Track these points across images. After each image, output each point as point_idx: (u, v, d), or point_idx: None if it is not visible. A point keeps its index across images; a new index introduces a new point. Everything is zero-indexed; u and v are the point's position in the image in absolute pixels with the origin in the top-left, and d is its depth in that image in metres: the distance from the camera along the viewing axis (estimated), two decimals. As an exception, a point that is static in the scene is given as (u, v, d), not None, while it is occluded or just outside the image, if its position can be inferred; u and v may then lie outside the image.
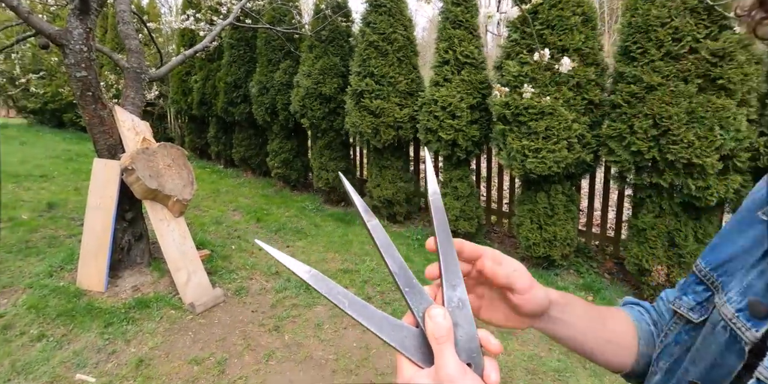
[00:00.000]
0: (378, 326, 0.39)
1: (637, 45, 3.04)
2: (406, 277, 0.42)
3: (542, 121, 3.34)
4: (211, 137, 7.31)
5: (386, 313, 0.41)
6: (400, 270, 0.43)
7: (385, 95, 4.32)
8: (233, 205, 5.26)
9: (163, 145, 3.00)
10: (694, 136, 2.81)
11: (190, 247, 3.00)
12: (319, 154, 5.33)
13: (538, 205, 3.59)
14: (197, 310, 2.79)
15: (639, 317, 0.60)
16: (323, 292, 0.40)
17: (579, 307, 0.56)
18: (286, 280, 3.41)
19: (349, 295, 0.40)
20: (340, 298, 0.40)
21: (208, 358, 2.38)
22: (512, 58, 3.53)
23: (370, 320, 0.40)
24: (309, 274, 0.41)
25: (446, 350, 0.37)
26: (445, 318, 0.38)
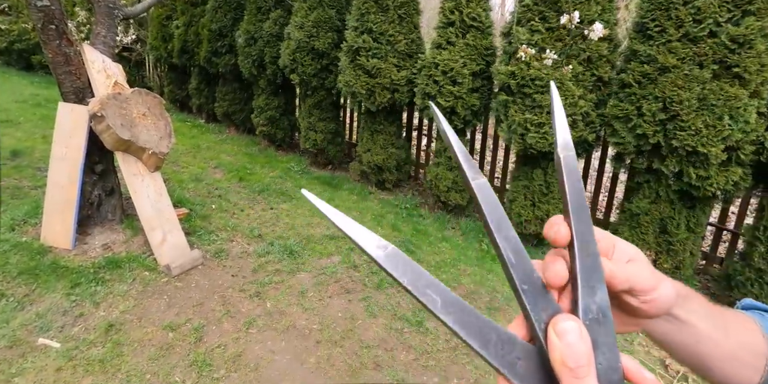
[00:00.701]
0: (482, 340, 0.28)
1: (656, 23, 2.86)
2: (524, 269, 0.30)
3: (548, 95, 3.18)
4: (193, 89, 6.86)
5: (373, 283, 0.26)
6: (517, 257, 0.30)
7: (383, 55, 4.05)
8: (214, 163, 5.01)
9: (137, 92, 2.72)
10: (703, 123, 2.72)
11: (166, 205, 2.81)
12: (307, 113, 5.06)
13: (533, 181, 3.51)
14: (173, 273, 2.65)
15: None
16: (405, 282, 0.27)
17: (701, 305, 0.42)
18: (269, 243, 3.28)
19: (442, 288, 0.28)
20: (430, 295, 0.28)
21: (184, 324, 2.27)
22: (522, 24, 3.30)
23: (471, 330, 0.28)
24: (383, 252, 0.28)
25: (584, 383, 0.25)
26: (582, 337, 0.27)
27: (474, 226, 3.97)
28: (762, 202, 3.12)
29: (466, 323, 0.27)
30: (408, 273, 0.28)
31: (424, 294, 0.27)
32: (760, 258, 2.81)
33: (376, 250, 0.28)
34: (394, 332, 2.46)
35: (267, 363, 2.09)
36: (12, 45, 9.93)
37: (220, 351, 2.12)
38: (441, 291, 0.28)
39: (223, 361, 2.05)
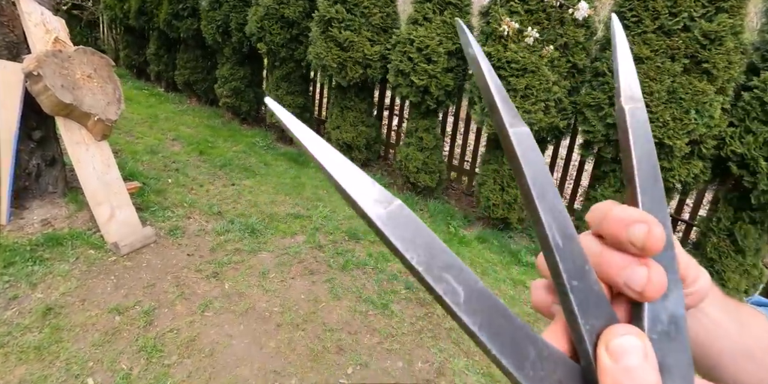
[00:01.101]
0: (517, 358, 0.19)
1: (633, 13, 2.86)
2: (573, 257, 0.21)
3: (523, 79, 3.13)
4: (151, 54, 6.37)
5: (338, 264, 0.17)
6: (566, 240, 0.21)
7: (357, 27, 3.85)
8: (173, 134, 4.71)
9: (82, 50, 2.45)
10: (670, 116, 2.77)
11: (115, 178, 2.59)
12: (275, 85, 4.80)
13: (504, 166, 3.49)
14: (122, 251, 2.47)
15: None
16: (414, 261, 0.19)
17: (719, 297, 0.36)
18: (229, 221, 3.13)
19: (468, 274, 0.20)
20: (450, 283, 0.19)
21: (132, 306, 2.12)
22: (502, 5, 3.20)
23: (504, 342, 0.19)
24: (385, 208, 0.19)
25: None
26: (647, 360, 0.20)
27: (442, 209, 3.94)
28: (717, 195, 3.25)
29: (497, 330, 0.19)
30: (420, 247, 0.19)
31: (440, 280, 0.19)
32: (712, 248, 2.94)
33: (374, 207, 0.19)
34: (359, 315, 2.41)
35: (223, 348, 1.99)
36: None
37: (173, 335, 2.00)
38: (465, 278, 0.19)
39: (176, 346, 1.93)
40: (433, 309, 2.53)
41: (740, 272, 2.87)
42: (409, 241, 0.19)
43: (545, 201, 0.22)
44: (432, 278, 0.19)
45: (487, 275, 2.99)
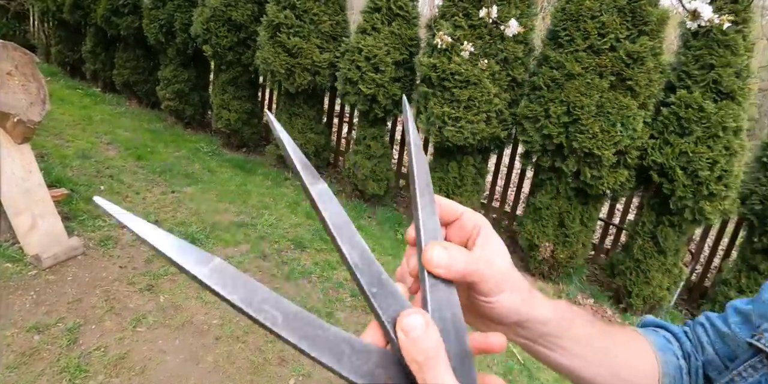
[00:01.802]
0: (334, 355, 0.25)
1: (566, 32, 3.07)
2: (371, 272, 0.29)
3: (466, 90, 3.26)
4: (87, 52, 5.99)
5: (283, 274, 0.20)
6: (363, 261, 0.29)
7: (306, 34, 3.85)
8: (108, 138, 4.44)
9: (2, 45, 2.27)
10: (599, 128, 2.98)
11: (37, 185, 2.40)
12: (221, 89, 4.67)
13: (449, 174, 3.60)
14: (44, 264, 2.29)
15: (664, 346, 0.46)
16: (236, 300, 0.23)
17: (578, 325, 0.40)
18: (167, 230, 2.97)
19: (282, 302, 0.25)
20: (268, 311, 0.24)
21: (54, 324, 1.97)
22: (447, 18, 3.33)
23: (321, 345, 0.25)
24: (207, 267, 0.24)
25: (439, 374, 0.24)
26: (428, 330, 0.25)
27: (391, 216, 3.99)
28: (642, 201, 3.53)
29: (314, 338, 0.24)
30: (239, 288, 0.24)
31: (260, 311, 0.24)
32: (638, 250, 3.18)
33: (196, 267, 0.23)
34: (302, 325, 2.38)
35: (156, 364, 1.89)
36: None
37: (99, 354, 1.87)
38: (281, 305, 0.24)
39: (102, 366, 1.81)
40: (378, 316, 2.55)
41: (663, 271, 3.13)
42: (230, 287, 0.23)
43: (343, 236, 0.29)
44: (253, 310, 0.23)
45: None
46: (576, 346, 0.39)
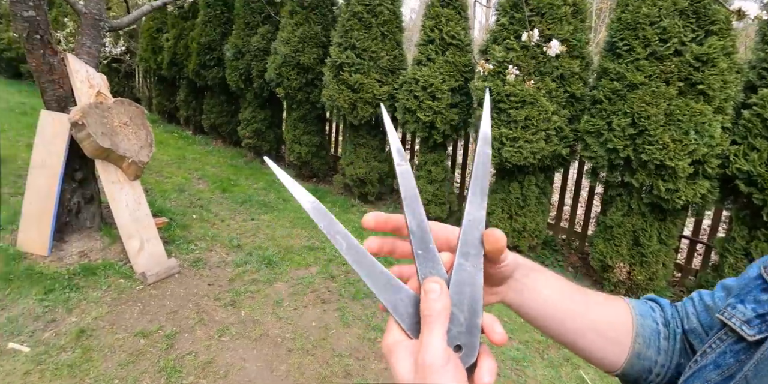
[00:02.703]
0: (374, 281, 0.36)
1: (624, 42, 3.00)
2: (422, 238, 0.37)
3: (522, 110, 3.29)
4: (181, 101, 6.93)
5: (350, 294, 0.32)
6: (419, 228, 0.38)
7: (366, 70, 4.16)
8: (199, 174, 5.03)
9: (119, 102, 2.77)
10: (670, 138, 2.83)
11: (145, 214, 2.82)
12: (293, 126, 5.13)
13: (510, 195, 3.58)
14: (149, 281, 2.65)
15: (644, 311, 0.50)
16: (321, 227, 0.37)
17: (555, 279, 0.48)
18: (247, 253, 3.29)
19: (350, 237, 0.37)
20: (339, 239, 0.36)
21: (156, 331, 2.27)
22: (499, 42, 3.44)
23: (367, 272, 0.36)
24: (311, 205, 0.38)
25: (434, 331, 0.32)
26: (440, 295, 0.34)
27: (454, 238, 4.01)
28: (731, 215, 3.22)
29: (364, 266, 0.36)
30: (325, 221, 0.37)
31: (334, 238, 0.36)
32: (730, 269, 2.88)
33: (306, 203, 0.37)
34: (367, 342, 2.47)
35: (237, 370, 2.08)
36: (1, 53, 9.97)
37: (191, 358, 2.11)
38: (347, 238, 0.36)
39: (193, 368, 2.04)
40: (442, 334, 2.57)
41: (761, 294, 2.80)
42: (320, 219, 0.37)
43: (410, 206, 0.38)
44: (330, 236, 0.36)
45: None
46: (556, 294, 0.46)
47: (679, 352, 0.48)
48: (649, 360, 0.48)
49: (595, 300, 0.49)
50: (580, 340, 0.47)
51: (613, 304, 0.50)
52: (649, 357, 0.48)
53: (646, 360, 0.48)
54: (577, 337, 0.47)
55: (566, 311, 0.47)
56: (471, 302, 0.36)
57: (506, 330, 1.36)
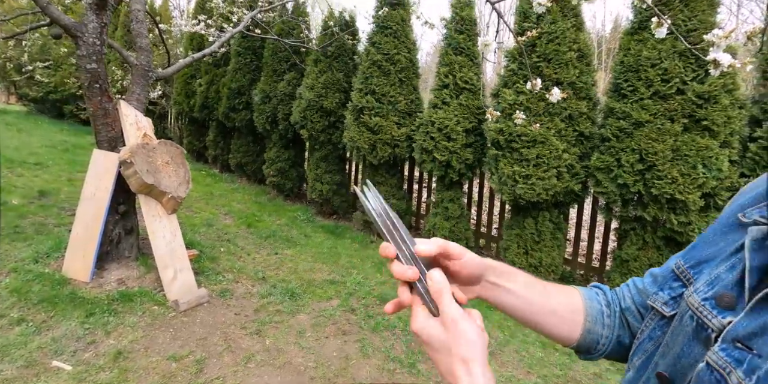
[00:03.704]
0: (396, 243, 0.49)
1: (628, 83, 3.21)
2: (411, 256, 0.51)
3: (534, 149, 3.47)
4: (210, 141, 7.37)
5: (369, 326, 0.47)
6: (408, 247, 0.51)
7: (385, 113, 4.45)
8: (225, 209, 5.28)
9: (163, 143, 3.06)
10: (678, 172, 2.94)
11: (179, 245, 3.01)
12: (315, 165, 5.40)
13: (525, 230, 3.68)
14: (180, 308, 2.79)
15: (591, 296, 0.63)
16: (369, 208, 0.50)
17: (520, 276, 0.59)
18: (272, 286, 3.42)
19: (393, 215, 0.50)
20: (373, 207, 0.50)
21: (187, 356, 2.37)
22: (509, 86, 3.69)
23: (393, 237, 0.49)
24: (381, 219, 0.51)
25: (446, 300, 0.45)
26: (442, 279, 0.47)
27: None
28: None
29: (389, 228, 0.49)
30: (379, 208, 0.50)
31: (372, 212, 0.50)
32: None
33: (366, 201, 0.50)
34: (386, 372, 2.52)
35: (263, 395, 2.16)
36: (47, 95, 10.84)
37: (219, 382, 2.20)
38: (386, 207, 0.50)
39: (221, 392, 2.13)
40: (461, 365, 2.60)
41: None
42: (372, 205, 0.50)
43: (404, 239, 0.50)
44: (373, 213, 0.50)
45: (514, 337, 3.03)
46: (515, 286, 0.58)
47: (618, 326, 0.61)
48: (597, 334, 0.60)
49: (553, 290, 0.61)
50: (544, 322, 0.59)
51: (567, 292, 0.62)
52: (597, 331, 0.60)
53: (594, 334, 0.60)
54: (541, 320, 0.59)
55: (531, 301, 0.59)
56: None
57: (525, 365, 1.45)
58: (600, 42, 9.79)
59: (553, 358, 2.83)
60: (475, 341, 0.44)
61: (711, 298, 0.43)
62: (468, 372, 0.43)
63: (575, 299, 0.62)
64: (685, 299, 0.47)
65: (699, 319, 0.43)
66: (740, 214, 0.47)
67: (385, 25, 4.48)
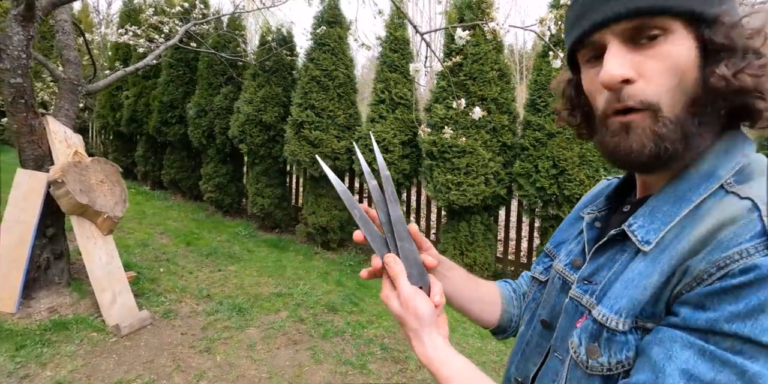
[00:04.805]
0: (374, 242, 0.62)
1: (541, 99, 3.66)
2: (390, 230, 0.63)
3: (464, 159, 3.80)
4: (139, 156, 7.02)
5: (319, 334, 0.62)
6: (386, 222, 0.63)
7: (325, 127, 4.59)
8: (161, 228, 5.08)
9: (96, 160, 2.96)
10: (585, 175, 3.40)
11: (117, 267, 2.92)
12: (255, 180, 5.38)
13: (460, 233, 3.98)
14: (122, 332, 2.70)
15: (504, 286, 0.84)
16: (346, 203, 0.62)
17: (461, 271, 0.77)
18: (218, 303, 3.39)
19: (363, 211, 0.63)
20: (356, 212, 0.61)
21: (134, 380, 2.32)
22: (440, 102, 4.00)
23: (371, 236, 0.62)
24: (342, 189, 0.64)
25: (401, 281, 0.58)
26: (396, 263, 0.59)
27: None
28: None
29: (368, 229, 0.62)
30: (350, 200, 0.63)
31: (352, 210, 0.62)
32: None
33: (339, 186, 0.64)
34: (339, 375, 2.63)
35: (218, 410, 2.17)
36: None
37: (171, 402, 2.18)
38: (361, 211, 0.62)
39: (174, 412, 2.12)
40: (406, 365, 2.78)
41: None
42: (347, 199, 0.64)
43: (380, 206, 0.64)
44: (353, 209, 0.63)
45: (454, 331, 3.28)
46: (457, 278, 0.75)
47: (522, 305, 0.80)
48: (510, 313, 0.79)
49: (481, 282, 0.81)
50: (472, 307, 0.78)
51: (489, 285, 0.83)
52: (510, 312, 0.79)
53: (508, 314, 0.79)
54: (471, 306, 0.77)
55: (466, 290, 0.77)
56: (416, 264, 0.61)
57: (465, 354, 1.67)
58: (521, 59, 10.70)
59: (490, 346, 3.10)
60: (424, 314, 0.56)
61: (569, 263, 0.63)
62: (419, 341, 0.56)
63: (495, 290, 0.81)
64: (553, 268, 0.66)
65: (563, 277, 0.62)
66: (581, 211, 0.69)
67: (323, 42, 4.63)
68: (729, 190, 0.46)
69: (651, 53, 0.47)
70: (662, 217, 0.49)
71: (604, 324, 0.48)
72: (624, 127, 0.49)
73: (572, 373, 0.52)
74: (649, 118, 0.47)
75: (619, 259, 0.53)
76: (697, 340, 0.40)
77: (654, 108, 0.47)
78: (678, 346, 0.41)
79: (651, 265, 0.47)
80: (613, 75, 0.47)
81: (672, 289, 0.44)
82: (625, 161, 0.50)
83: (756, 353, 0.37)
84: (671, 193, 0.50)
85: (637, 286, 0.47)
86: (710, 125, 0.49)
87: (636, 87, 0.47)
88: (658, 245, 0.48)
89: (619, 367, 0.47)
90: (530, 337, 0.65)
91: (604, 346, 0.48)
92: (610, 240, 0.55)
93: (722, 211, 0.44)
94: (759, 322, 0.37)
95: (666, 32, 0.46)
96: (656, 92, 0.47)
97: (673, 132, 0.47)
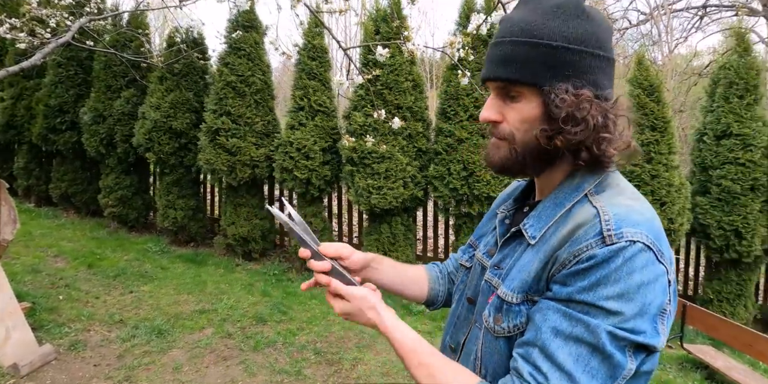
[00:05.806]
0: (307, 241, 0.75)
1: (451, 108, 3.97)
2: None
3: (383, 164, 3.97)
4: (20, 169, 6.15)
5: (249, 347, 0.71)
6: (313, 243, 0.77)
7: (242, 135, 4.47)
8: (54, 251, 4.54)
9: (-23, 182, 2.60)
10: (490, 176, 3.77)
11: (9, 298, 2.59)
12: (166, 191, 5.04)
13: (382, 234, 4.15)
14: (22, 372, 2.41)
15: (431, 267, 1.00)
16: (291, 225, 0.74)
17: (389, 261, 0.92)
18: (133, 327, 3.16)
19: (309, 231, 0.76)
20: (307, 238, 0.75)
21: (44, 422, 2.10)
22: (359, 110, 4.14)
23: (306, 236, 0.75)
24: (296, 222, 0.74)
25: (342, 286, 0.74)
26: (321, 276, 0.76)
27: (341, 281, 4.37)
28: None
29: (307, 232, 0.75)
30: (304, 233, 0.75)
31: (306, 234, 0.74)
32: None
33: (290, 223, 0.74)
34: (276, 385, 2.64)
35: (148, 441, 2.06)
36: None
37: (93, 440, 2.02)
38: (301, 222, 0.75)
39: (97, 450, 1.97)
40: (340, 365, 2.87)
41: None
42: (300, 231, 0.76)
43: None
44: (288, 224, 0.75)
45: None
46: (387, 268, 0.90)
47: (448, 282, 0.98)
48: (436, 290, 0.97)
49: (408, 267, 0.98)
50: (404, 289, 0.94)
51: (417, 268, 1.00)
52: (436, 288, 0.96)
53: (434, 290, 0.97)
54: (403, 288, 0.94)
55: (396, 277, 0.92)
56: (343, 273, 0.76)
57: None
58: (431, 68, 11.30)
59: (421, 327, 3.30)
60: (369, 297, 0.72)
61: (485, 252, 0.80)
62: (377, 314, 0.72)
63: (422, 271, 0.98)
64: (475, 256, 0.83)
65: (481, 264, 0.78)
66: (497, 208, 0.86)
67: (238, 47, 4.49)
68: (589, 199, 0.65)
69: (512, 106, 0.68)
70: (545, 218, 0.68)
71: (504, 299, 0.66)
72: (495, 146, 0.71)
73: (486, 337, 0.70)
74: (507, 145, 0.69)
75: (518, 250, 0.70)
76: (561, 306, 0.58)
77: (510, 140, 0.69)
78: (551, 312, 0.59)
79: (535, 254, 0.65)
80: (483, 116, 0.71)
81: (548, 272, 0.62)
82: (490, 166, 0.73)
83: (596, 312, 0.56)
84: (552, 200, 0.69)
85: (526, 270, 0.65)
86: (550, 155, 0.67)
87: (503, 125, 0.69)
88: (541, 239, 0.66)
89: (516, 329, 0.65)
90: (459, 312, 0.82)
91: (505, 315, 0.66)
92: (512, 235, 0.73)
93: (580, 215, 0.62)
94: (597, 293, 0.56)
95: (520, 95, 0.67)
96: (511, 132, 0.68)
97: (516, 156, 0.69)
